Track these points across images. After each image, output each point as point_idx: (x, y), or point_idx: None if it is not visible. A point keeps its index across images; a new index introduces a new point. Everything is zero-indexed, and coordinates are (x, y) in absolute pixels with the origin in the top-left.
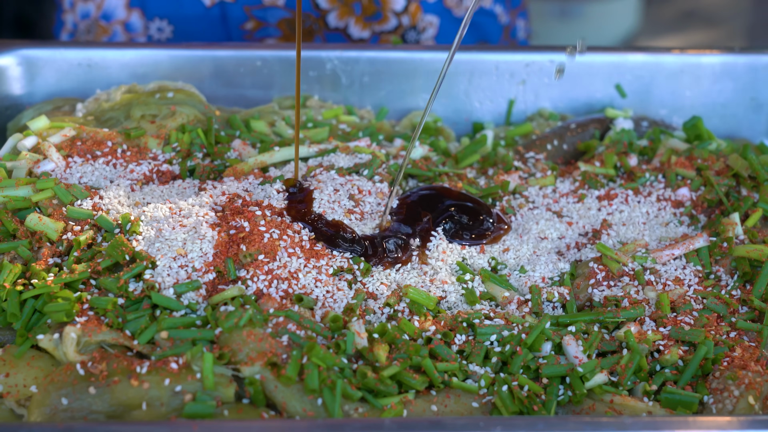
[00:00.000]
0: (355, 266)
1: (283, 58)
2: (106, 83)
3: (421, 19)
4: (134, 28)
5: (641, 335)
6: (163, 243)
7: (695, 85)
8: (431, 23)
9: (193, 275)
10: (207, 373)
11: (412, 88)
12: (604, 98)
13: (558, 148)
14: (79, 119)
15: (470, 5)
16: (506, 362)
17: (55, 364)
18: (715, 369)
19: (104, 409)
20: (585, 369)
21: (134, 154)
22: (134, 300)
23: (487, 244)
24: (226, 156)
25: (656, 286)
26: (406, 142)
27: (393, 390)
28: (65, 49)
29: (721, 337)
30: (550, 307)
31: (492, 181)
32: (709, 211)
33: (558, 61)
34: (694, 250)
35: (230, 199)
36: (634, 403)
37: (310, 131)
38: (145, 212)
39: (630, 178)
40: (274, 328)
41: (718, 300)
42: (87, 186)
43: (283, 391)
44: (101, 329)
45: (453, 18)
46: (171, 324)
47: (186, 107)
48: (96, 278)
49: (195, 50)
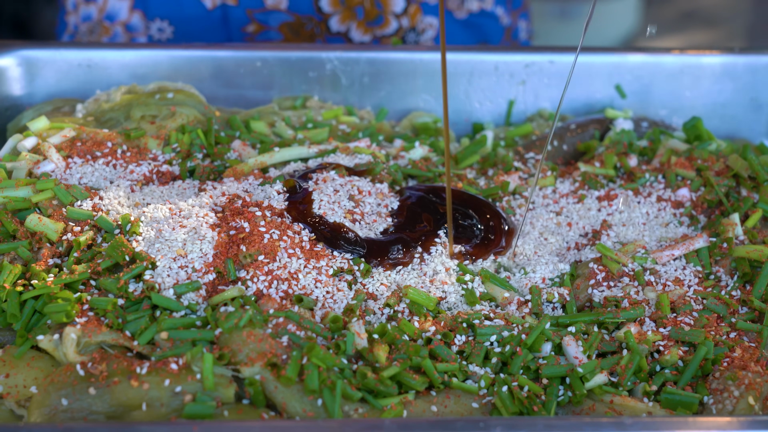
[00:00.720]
0: (355, 267)
1: (283, 59)
2: (106, 84)
3: (420, 20)
4: (135, 29)
5: (641, 336)
6: (163, 244)
7: (695, 85)
8: (431, 25)
9: (193, 276)
10: (207, 374)
11: (412, 89)
12: (604, 99)
13: (558, 149)
14: (79, 120)
15: (471, 7)
16: (506, 363)
17: (55, 365)
18: (715, 369)
19: (104, 409)
20: (585, 369)
21: (134, 154)
22: (134, 301)
23: (486, 258)
24: (226, 157)
25: (656, 287)
26: (406, 142)
27: (393, 390)
28: (65, 50)
29: (721, 338)
30: (550, 307)
31: (492, 181)
32: (709, 212)
33: (557, 62)
34: (694, 250)
35: (230, 200)
36: (634, 404)
37: (310, 132)
38: (145, 213)
39: (630, 179)
40: (274, 329)
41: (718, 300)
42: (87, 187)
43: (283, 391)
44: (101, 330)
45: (454, 20)
46: (171, 325)
47: (186, 108)
48: (96, 279)
49: (195, 51)
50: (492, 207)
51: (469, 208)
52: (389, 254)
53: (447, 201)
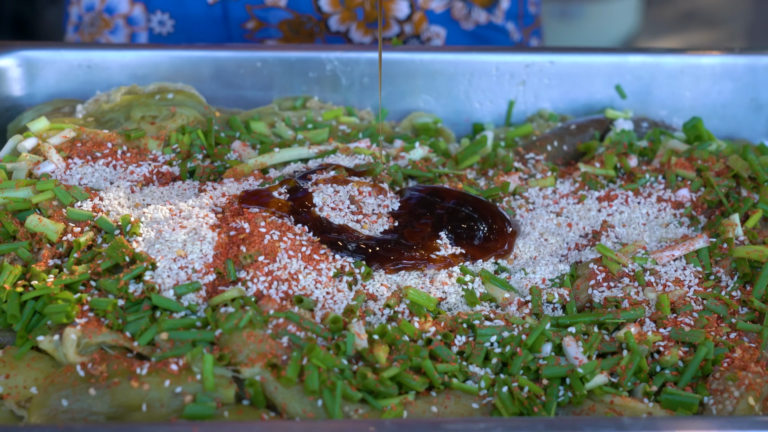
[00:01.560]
0: (356, 270)
1: (283, 60)
2: (106, 84)
3: (426, 29)
4: (136, 22)
5: (641, 336)
6: (163, 244)
7: (695, 85)
8: (438, 34)
9: (193, 276)
10: (207, 375)
11: (412, 89)
12: (604, 99)
13: (558, 149)
14: (79, 120)
15: (479, 18)
16: (506, 363)
17: (55, 366)
18: (715, 370)
19: (104, 410)
20: (585, 370)
21: (134, 155)
22: (134, 301)
23: (487, 260)
24: (226, 157)
25: (656, 287)
26: (406, 143)
27: (393, 391)
28: (65, 51)
29: (721, 338)
30: (550, 308)
31: (492, 182)
32: (709, 212)
33: (558, 62)
34: (694, 251)
35: (230, 201)
36: (635, 404)
37: (310, 132)
38: (145, 213)
39: (630, 179)
40: (274, 330)
41: (718, 301)
42: (87, 187)
43: (283, 392)
44: (101, 330)
45: (460, 30)
46: (171, 325)
47: (186, 108)
48: (96, 279)
49: (195, 51)
50: (495, 208)
51: (473, 210)
52: (391, 258)
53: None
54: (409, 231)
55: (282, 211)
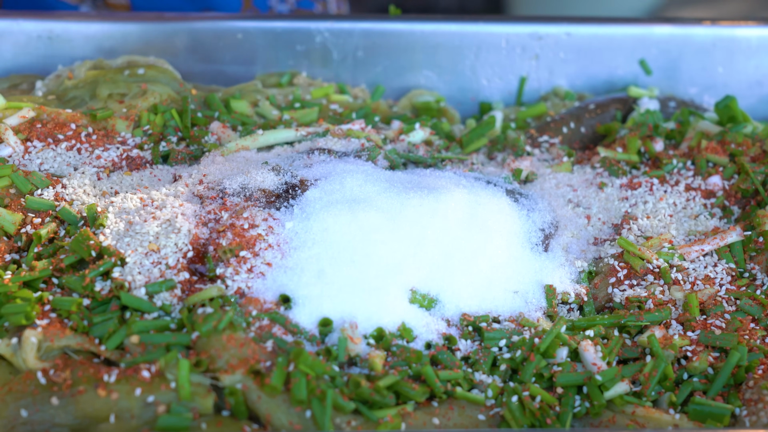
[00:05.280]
0: None
1: (266, 30)
2: (69, 58)
3: None
4: None
5: (667, 340)
6: (133, 237)
7: (729, 60)
8: None
9: (167, 273)
10: (183, 382)
11: (412, 64)
12: (626, 75)
13: (575, 131)
14: (39, 99)
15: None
16: (516, 370)
17: (13, 372)
18: (749, 377)
19: (68, 421)
20: (604, 377)
21: (101, 137)
22: (101, 301)
23: None
24: (204, 140)
25: (684, 286)
26: (405, 124)
27: (390, 401)
28: (23, 21)
29: (755, 343)
30: (565, 309)
31: (502, 167)
32: (744, 202)
33: (575, 34)
34: (727, 245)
35: (208, 188)
36: (659, 416)
37: (298, 112)
38: (113, 203)
39: (655, 165)
40: (257, 333)
41: (753, 301)
42: (48, 174)
43: (267, 402)
44: (65, 333)
45: None
46: (142, 327)
47: (158, 85)
48: (59, 276)
49: (168, 22)
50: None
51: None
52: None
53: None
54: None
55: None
